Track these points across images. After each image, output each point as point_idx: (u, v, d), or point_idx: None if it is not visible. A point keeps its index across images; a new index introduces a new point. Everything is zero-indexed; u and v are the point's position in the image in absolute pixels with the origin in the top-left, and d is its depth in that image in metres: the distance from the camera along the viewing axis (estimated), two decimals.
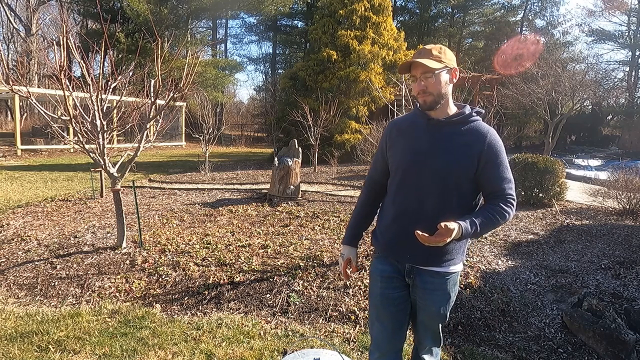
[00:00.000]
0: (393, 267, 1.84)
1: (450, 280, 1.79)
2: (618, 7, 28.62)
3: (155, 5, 21.71)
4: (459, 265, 1.82)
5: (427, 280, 1.78)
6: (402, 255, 1.80)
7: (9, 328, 3.02)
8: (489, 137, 1.69)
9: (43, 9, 30.53)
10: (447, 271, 1.77)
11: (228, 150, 20.62)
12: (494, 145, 1.68)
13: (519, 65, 18.88)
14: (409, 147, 1.77)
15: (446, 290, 1.79)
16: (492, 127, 1.74)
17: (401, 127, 1.86)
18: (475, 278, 3.91)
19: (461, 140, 1.69)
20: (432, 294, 1.79)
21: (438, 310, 1.81)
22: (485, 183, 1.71)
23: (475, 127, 1.71)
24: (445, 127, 1.73)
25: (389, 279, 1.84)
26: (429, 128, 1.75)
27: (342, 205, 6.91)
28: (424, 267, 1.78)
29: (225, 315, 3.30)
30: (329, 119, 11.21)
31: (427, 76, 1.68)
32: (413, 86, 1.74)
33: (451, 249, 1.75)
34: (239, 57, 38.56)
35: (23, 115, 22.82)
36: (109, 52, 4.48)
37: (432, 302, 1.80)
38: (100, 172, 7.25)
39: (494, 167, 1.68)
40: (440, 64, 1.68)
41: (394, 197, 1.81)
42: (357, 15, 13.58)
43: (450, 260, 1.76)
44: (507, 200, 1.68)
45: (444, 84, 1.69)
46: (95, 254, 4.44)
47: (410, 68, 1.72)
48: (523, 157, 7.16)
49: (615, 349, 2.86)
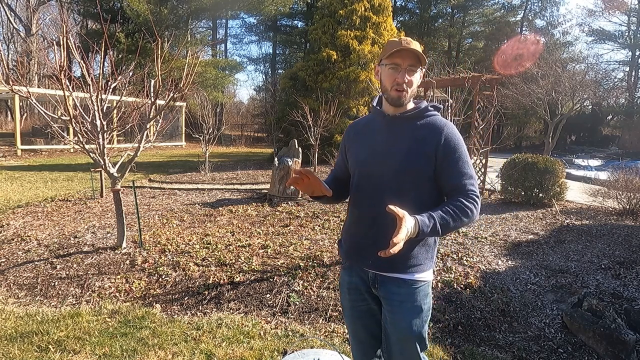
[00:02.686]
0: (359, 277, 1.72)
1: (420, 290, 1.62)
2: (618, 7, 28.64)
3: (155, 5, 21.72)
4: (428, 273, 1.65)
5: (393, 290, 1.62)
6: (363, 261, 1.66)
7: (9, 328, 3.01)
8: (446, 130, 1.56)
9: (43, 9, 30.54)
10: (415, 279, 1.61)
11: (228, 150, 20.63)
12: (451, 139, 1.55)
13: (519, 65, 18.88)
14: (364, 148, 1.68)
15: (416, 302, 1.60)
16: (450, 121, 1.64)
17: (358, 127, 1.78)
18: (475, 278, 3.91)
19: (416, 135, 1.57)
20: (400, 306, 1.61)
21: (410, 325, 1.60)
22: (444, 180, 1.56)
23: (431, 121, 1.59)
24: (399, 123, 1.62)
25: (356, 291, 1.73)
26: (385, 125, 1.64)
27: (342, 205, 6.91)
28: (389, 275, 1.62)
29: (225, 315, 3.30)
30: (329, 119, 11.20)
31: (413, 70, 1.57)
32: (389, 74, 1.57)
33: (417, 253, 1.60)
34: (239, 57, 38.62)
35: (23, 115, 22.82)
36: (109, 52, 4.48)
37: (401, 317, 1.60)
38: (100, 172, 7.25)
39: (451, 163, 1.54)
40: (424, 60, 1.58)
41: (353, 200, 1.71)
42: (357, 16, 13.58)
43: (417, 265, 1.60)
44: (467, 195, 1.51)
45: (417, 84, 1.62)
46: (95, 254, 4.44)
47: (393, 55, 1.55)
48: (523, 157, 7.17)
49: (615, 349, 2.86)
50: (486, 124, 7.73)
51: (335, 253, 4.47)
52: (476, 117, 7.93)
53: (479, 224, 5.70)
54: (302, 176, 1.53)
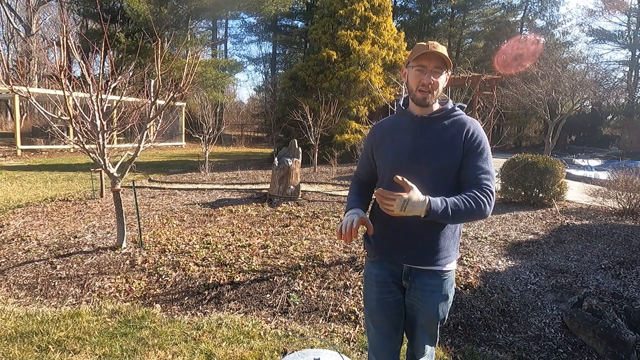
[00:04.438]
0: (389, 271, 1.80)
1: (448, 280, 1.77)
2: (618, 7, 28.63)
3: (155, 5, 21.73)
4: (454, 263, 1.80)
5: (425, 282, 1.75)
6: (397, 256, 1.76)
7: (9, 328, 3.02)
8: (473, 127, 1.68)
9: (43, 9, 30.55)
10: (444, 269, 1.75)
11: (228, 150, 20.63)
12: (476, 135, 1.66)
13: (519, 65, 18.88)
14: (395, 148, 1.74)
15: (444, 291, 1.76)
16: (475, 120, 1.73)
17: (385, 127, 1.84)
18: (475, 278, 3.91)
19: (446, 134, 1.68)
20: (430, 295, 1.75)
21: (437, 312, 1.77)
22: (463, 172, 1.65)
23: (458, 120, 1.70)
24: (429, 124, 1.71)
25: (385, 284, 1.81)
26: (414, 125, 1.73)
27: (342, 205, 6.91)
28: (421, 267, 1.75)
29: (225, 316, 3.30)
30: (329, 119, 11.21)
31: (439, 72, 1.66)
32: (416, 76, 1.67)
33: (447, 245, 1.72)
34: (239, 57, 38.58)
35: (23, 115, 22.83)
36: (109, 52, 4.48)
37: (431, 305, 1.76)
38: (100, 172, 7.25)
39: (473, 157, 1.64)
40: (449, 64, 1.68)
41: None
42: (357, 15, 13.58)
43: (446, 257, 1.73)
44: (482, 189, 1.58)
45: (443, 86, 1.70)
46: (95, 254, 4.44)
47: (420, 58, 1.65)
48: (523, 157, 7.16)
49: (615, 349, 2.86)
50: (486, 124, 7.72)
51: (335, 253, 4.47)
52: (476, 117, 7.93)
53: (479, 224, 5.70)
54: (370, 231, 1.70)
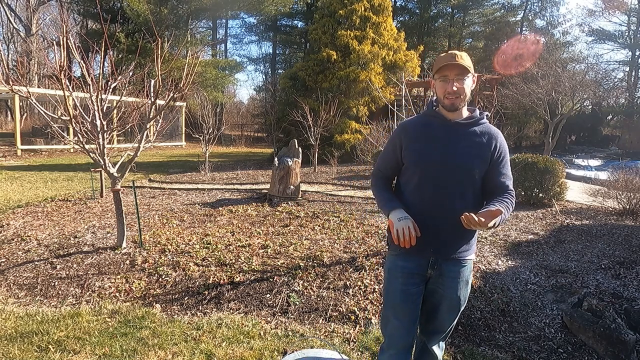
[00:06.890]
0: (415, 263, 1.90)
1: (468, 267, 1.93)
2: (618, 7, 28.63)
3: (155, 6, 21.73)
4: (474, 253, 1.97)
5: (450, 269, 1.89)
6: (425, 250, 1.86)
7: (9, 328, 3.02)
8: (500, 138, 1.89)
9: (43, 9, 30.55)
10: (467, 259, 1.91)
11: (228, 150, 20.63)
12: (503, 146, 1.89)
13: (519, 65, 18.87)
14: (428, 147, 1.85)
15: (465, 278, 1.92)
16: (499, 131, 1.91)
17: (416, 127, 1.93)
18: (475, 278, 3.91)
19: (478, 140, 1.84)
20: (453, 281, 1.89)
21: (459, 297, 1.91)
22: (492, 178, 1.85)
23: (487, 129, 1.88)
24: (462, 128, 1.86)
25: (411, 276, 1.91)
26: (447, 129, 1.86)
27: (342, 205, 6.91)
28: (447, 257, 1.89)
29: (225, 316, 3.30)
30: (329, 119, 11.21)
31: (461, 78, 1.78)
32: (441, 86, 1.82)
33: (469, 238, 1.89)
34: (239, 57, 38.56)
35: (23, 115, 22.82)
36: (109, 52, 4.48)
37: (454, 290, 1.90)
38: (100, 172, 7.25)
39: (501, 165, 1.86)
40: (471, 68, 1.80)
41: (412, 195, 1.89)
42: (357, 16, 13.59)
43: (470, 249, 1.91)
44: (511, 194, 1.84)
45: (470, 88, 1.83)
46: (95, 254, 4.44)
47: (441, 69, 1.79)
48: (523, 157, 7.16)
49: (615, 349, 2.86)
50: None
51: (335, 253, 4.47)
52: None
53: None
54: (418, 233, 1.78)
